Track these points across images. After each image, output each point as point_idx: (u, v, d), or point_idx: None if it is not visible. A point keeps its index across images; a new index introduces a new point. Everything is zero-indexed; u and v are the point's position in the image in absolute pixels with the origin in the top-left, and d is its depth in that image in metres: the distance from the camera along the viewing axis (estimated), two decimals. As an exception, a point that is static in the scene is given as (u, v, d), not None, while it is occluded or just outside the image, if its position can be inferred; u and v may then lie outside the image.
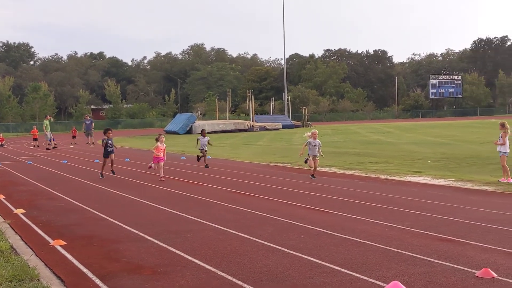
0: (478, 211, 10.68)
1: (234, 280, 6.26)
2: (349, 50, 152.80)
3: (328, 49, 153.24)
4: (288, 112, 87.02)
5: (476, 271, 6.35)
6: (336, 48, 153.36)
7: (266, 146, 35.88)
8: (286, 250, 7.65)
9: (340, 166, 20.77)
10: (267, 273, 6.55)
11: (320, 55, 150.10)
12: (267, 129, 65.72)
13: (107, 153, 18.05)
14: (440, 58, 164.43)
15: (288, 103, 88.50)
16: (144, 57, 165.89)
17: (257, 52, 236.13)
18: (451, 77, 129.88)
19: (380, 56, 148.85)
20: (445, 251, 7.50)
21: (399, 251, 7.48)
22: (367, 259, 7.15)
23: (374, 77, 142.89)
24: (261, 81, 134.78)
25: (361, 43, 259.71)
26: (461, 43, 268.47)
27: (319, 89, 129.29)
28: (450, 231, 8.79)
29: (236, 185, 15.65)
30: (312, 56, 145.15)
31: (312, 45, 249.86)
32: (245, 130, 63.54)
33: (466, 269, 6.54)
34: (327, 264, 6.84)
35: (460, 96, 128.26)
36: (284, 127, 68.61)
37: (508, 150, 15.74)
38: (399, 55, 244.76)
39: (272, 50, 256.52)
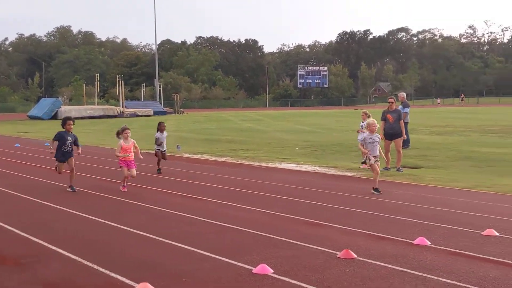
0: (341, 196, 11.26)
1: (101, 269, 6.13)
2: (221, 38, 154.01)
3: (200, 36, 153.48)
4: (160, 98, 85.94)
5: (338, 253, 6.72)
6: (208, 36, 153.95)
7: (137, 133, 35.23)
8: (158, 238, 7.62)
9: (212, 153, 20.95)
10: (138, 261, 6.49)
11: (192, 42, 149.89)
12: (137, 116, 64.54)
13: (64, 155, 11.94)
14: (308, 49, 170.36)
15: (159, 90, 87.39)
16: (6, 38, 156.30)
17: (127, 37, 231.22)
18: (318, 68, 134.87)
19: (251, 46, 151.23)
20: (311, 234, 7.85)
21: (269, 235, 7.71)
22: (238, 244, 7.30)
23: (246, 66, 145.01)
24: (132, 66, 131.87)
25: (232, 32, 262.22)
26: (327, 35, 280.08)
27: (191, 76, 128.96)
28: (316, 215, 9.20)
29: (105, 173, 15.27)
30: (184, 42, 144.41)
31: (184, 32, 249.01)
32: (115, 116, 61.94)
33: (329, 251, 6.90)
34: (199, 251, 6.91)
35: (326, 86, 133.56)
36: (155, 113, 67.68)
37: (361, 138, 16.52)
38: (269, 45, 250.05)
39: (143, 35, 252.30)
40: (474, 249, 7.01)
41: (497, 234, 7.74)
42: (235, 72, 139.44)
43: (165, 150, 15.59)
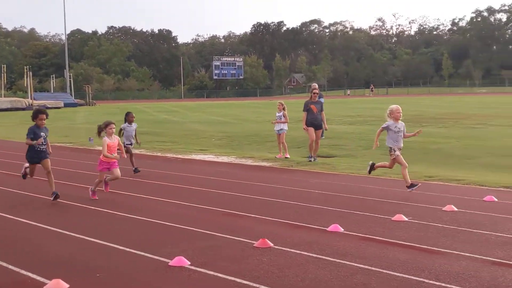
0: (258, 186, 11.35)
1: (11, 267, 5.88)
2: (134, 28, 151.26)
3: (112, 26, 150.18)
4: (71, 90, 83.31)
5: (255, 242, 6.77)
6: (120, 26, 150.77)
7: (46, 125, 34.01)
8: (72, 234, 7.38)
9: (126, 146, 20.55)
10: (51, 258, 6.27)
11: (103, 32, 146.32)
12: (47, 108, 62.23)
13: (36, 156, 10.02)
14: (223, 40, 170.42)
15: (70, 81, 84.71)
16: None
17: (35, 27, 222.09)
18: (233, 59, 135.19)
19: (165, 36, 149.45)
20: (228, 225, 7.87)
21: (185, 227, 7.66)
22: (153, 237, 7.21)
23: (160, 57, 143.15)
24: (41, 57, 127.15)
25: (145, 22, 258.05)
26: (242, 26, 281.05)
27: (104, 67, 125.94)
28: (233, 206, 9.23)
29: (12, 167, 14.63)
30: (95, 32, 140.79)
31: (95, 22, 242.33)
32: (23, 109, 59.42)
33: (246, 240, 6.94)
34: (113, 245, 6.76)
35: (241, 77, 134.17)
36: (66, 105, 65.57)
37: (287, 128, 16.73)
38: (184, 36, 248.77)
39: (52, 25, 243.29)
40: (384, 234, 7.26)
41: (405, 219, 8.06)
42: (149, 63, 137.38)
43: (132, 144, 13.65)
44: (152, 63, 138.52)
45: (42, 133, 9.87)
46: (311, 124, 15.64)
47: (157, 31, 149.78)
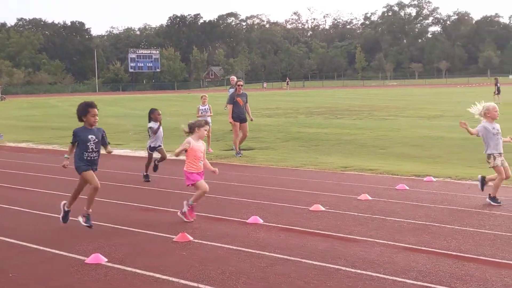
0: (176, 180, 11.24)
1: None
2: (45, 20, 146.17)
3: (22, 18, 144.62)
4: (-22, 84, 79.52)
5: (174, 237, 6.70)
6: (31, 18, 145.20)
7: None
8: (-22, 233, 7.04)
9: (38, 142, 19.84)
10: (-44, 260, 5.95)
11: (13, 24, 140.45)
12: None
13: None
14: (138, 32, 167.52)
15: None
16: None
17: None
18: (149, 51, 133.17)
19: (78, 28, 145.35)
20: (146, 220, 7.75)
21: (102, 224, 7.47)
22: (68, 234, 7.00)
23: (73, 49, 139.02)
24: None
25: (57, 14, 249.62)
26: (158, 19, 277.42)
27: (13, 60, 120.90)
28: (151, 201, 9.11)
29: None
30: (4, 24, 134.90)
31: (4, 13, 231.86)
32: None
33: (165, 235, 6.85)
34: (25, 244, 6.50)
35: (158, 70, 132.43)
36: (-28, 100, 62.50)
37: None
38: (97, 28, 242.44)
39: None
40: (303, 224, 7.37)
41: (323, 209, 8.22)
42: (62, 56, 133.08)
43: (160, 146, 11.66)
44: (64, 56, 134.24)
45: (91, 136, 7.37)
46: (238, 117, 15.40)
47: (69, 23, 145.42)
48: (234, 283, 5.14)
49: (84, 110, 7.44)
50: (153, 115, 11.67)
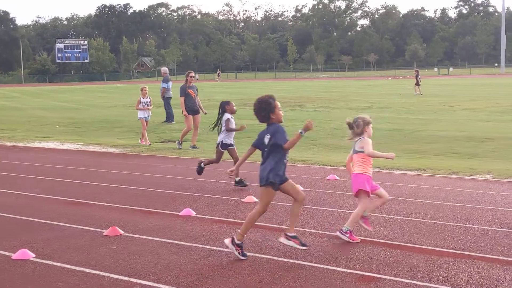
0: (106, 173, 11.03)
1: None
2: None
3: None
4: None
5: (104, 231, 6.57)
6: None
7: None
8: None
9: (-40, 135, 18.99)
10: None
11: None
12: None
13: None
14: (66, 22, 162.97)
15: None
16: None
17: None
18: (78, 42, 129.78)
19: (2, 17, 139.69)
20: (75, 214, 7.56)
21: (29, 219, 7.25)
22: (-8, 231, 6.74)
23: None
24: None
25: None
26: (86, 8, 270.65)
27: None
28: (80, 194, 8.89)
29: None
30: None
31: None
32: None
33: (95, 229, 6.71)
34: None
35: (87, 61, 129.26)
36: None
37: (147, 115, 15.74)
38: (23, 17, 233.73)
39: None
40: (236, 215, 7.39)
41: (256, 200, 8.25)
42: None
43: (233, 146, 10.22)
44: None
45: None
46: (191, 110, 14.86)
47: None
48: (167, 276, 5.10)
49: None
50: (228, 106, 10.33)
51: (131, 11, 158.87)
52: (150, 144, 15.43)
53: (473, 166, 11.22)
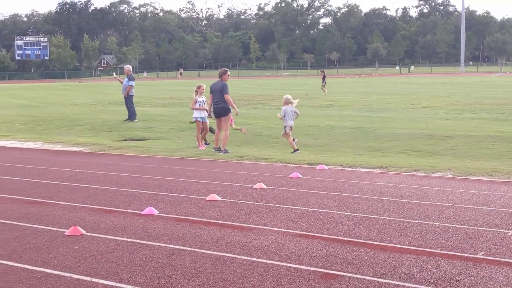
0: (66, 172, 10.85)
1: None
2: None
3: None
4: None
5: (65, 230, 6.47)
6: None
7: None
8: None
9: None
10: None
11: None
12: None
13: None
14: (25, 19, 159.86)
15: None
16: None
17: None
18: (37, 39, 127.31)
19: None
20: (34, 213, 7.42)
21: (-15, 219, 7.08)
22: None
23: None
24: None
25: None
26: (46, 5, 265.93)
27: None
28: (39, 193, 8.72)
29: None
30: None
31: None
32: None
33: (55, 229, 6.60)
34: None
35: (47, 58, 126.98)
36: None
37: (204, 115, 14.58)
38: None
39: None
40: (198, 214, 7.36)
41: (219, 198, 8.24)
42: None
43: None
44: None
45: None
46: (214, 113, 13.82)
47: None
48: (129, 275, 5.04)
49: None
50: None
51: (92, 8, 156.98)
52: (208, 144, 14.70)
53: (434, 163, 11.42)
